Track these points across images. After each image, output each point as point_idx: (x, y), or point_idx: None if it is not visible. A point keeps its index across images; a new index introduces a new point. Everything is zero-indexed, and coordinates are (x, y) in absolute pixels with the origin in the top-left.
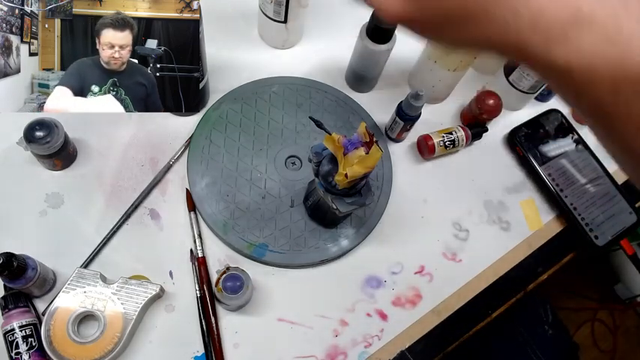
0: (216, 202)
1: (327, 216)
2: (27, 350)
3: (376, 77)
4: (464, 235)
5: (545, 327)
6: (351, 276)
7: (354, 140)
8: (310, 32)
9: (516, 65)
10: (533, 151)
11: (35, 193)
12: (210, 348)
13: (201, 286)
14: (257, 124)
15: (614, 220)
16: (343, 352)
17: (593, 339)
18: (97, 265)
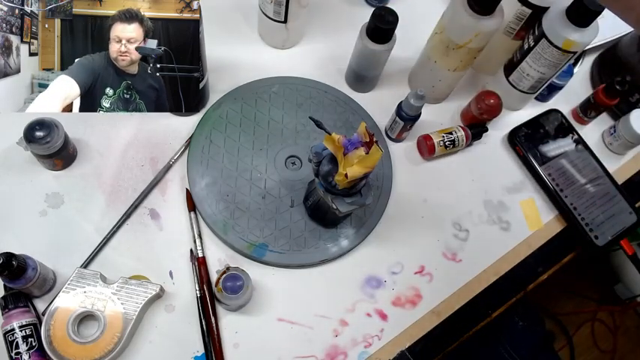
0: (216, 202)
1: (327, 216)
2: (27, 350)
3: (376, 77)
4: (464, 235)
5: (515, 318)
6: (351, 276)
7: (354, 140)
8: (310, 32)
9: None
10: (533, 151)
11: (35, 193)
12: (210, 348)
13: (201, 286)
14: (257, 124)
15: (614, 220)
16: (343, 352)
17: (593, 339)
18: (97, 265)
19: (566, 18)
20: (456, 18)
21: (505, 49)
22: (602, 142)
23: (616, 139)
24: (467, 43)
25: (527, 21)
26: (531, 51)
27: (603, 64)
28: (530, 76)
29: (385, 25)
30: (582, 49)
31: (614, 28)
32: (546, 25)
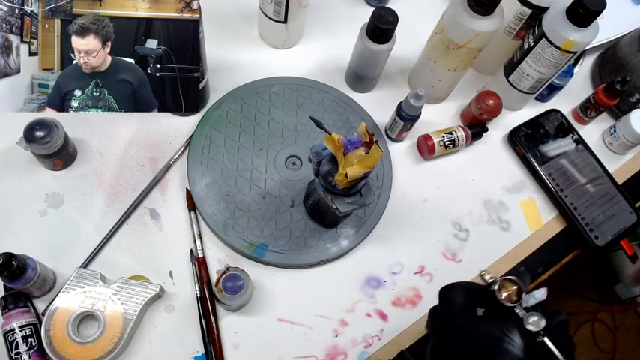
0: (216, 202)
1: (327, 216)
2: (27, 350)
3: (376, 77)
4: (464, 235)
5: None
6: (351, 276)
7: (354, 140)
8: (310, 32)
9: None
10: (533, 151)
11: (35, 193)
12: (210, 348)
13: (201, 286)
14: (257, 124)
15: (614, 220)
16: (343, 352)
17: (593, 339)
18: (97, 265)
19: (566, 18)
20: (456, 18)
21: (505, 49)
22: (602, 142)
23: (616, 139)
24: (467, 43)
25: (527, 21)
26: (531, 51)
27: (603, 64)
28: (530, 76)
29: (385, 25)
30: (582, 49)
31: (614, 28)
32: (546, 25)
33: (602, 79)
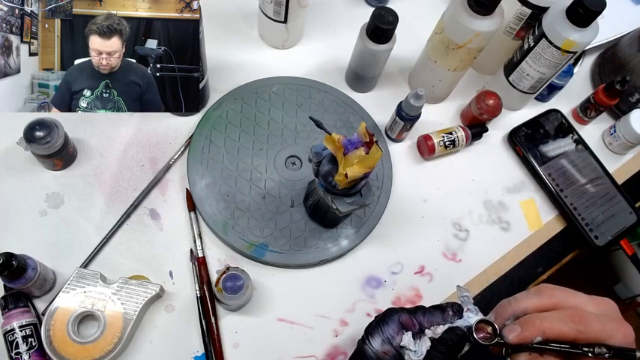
0: (216, 202)
1: (327, 216)
2: (27, 350)
3: (376, 77)
4: (464, 235)
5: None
6: (351, 276)
7: (354, 140)
8: (310, 32)
9: None
10: (533, 151)
11: (35, 193)
12: (210, 348)
13: (201, 286)
14: (257, 124)
15: (614, 220)
16: (343, 352)
17: None
18: (97, 265)
19: (566, 18)
20: (456, 18)
21: (505, 49)
22: (602, 142)
23: (616, 139)
24: (467, 43)
25: (527, 21)
26: (531, 51)
27: (603, 64)
28: (530, 76)
29: (385, 25)
30: (582, 49)
31: (614, 28)
32: (546, 25)
33: (602, 79)
